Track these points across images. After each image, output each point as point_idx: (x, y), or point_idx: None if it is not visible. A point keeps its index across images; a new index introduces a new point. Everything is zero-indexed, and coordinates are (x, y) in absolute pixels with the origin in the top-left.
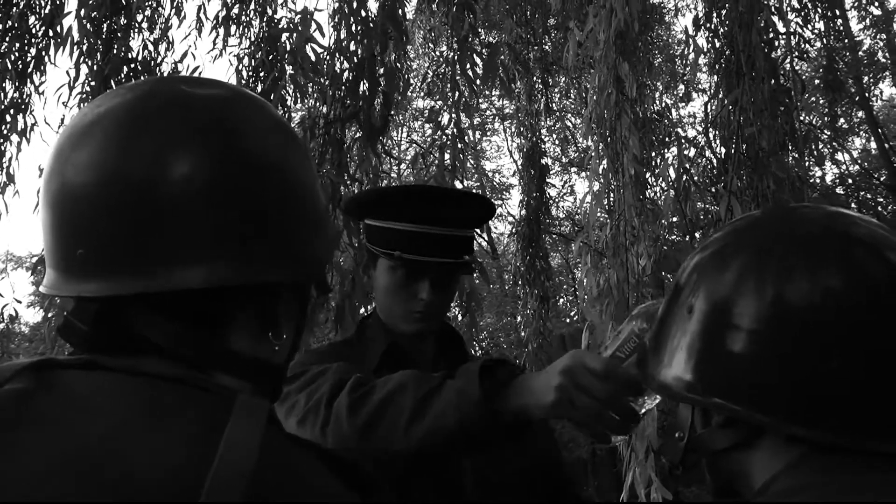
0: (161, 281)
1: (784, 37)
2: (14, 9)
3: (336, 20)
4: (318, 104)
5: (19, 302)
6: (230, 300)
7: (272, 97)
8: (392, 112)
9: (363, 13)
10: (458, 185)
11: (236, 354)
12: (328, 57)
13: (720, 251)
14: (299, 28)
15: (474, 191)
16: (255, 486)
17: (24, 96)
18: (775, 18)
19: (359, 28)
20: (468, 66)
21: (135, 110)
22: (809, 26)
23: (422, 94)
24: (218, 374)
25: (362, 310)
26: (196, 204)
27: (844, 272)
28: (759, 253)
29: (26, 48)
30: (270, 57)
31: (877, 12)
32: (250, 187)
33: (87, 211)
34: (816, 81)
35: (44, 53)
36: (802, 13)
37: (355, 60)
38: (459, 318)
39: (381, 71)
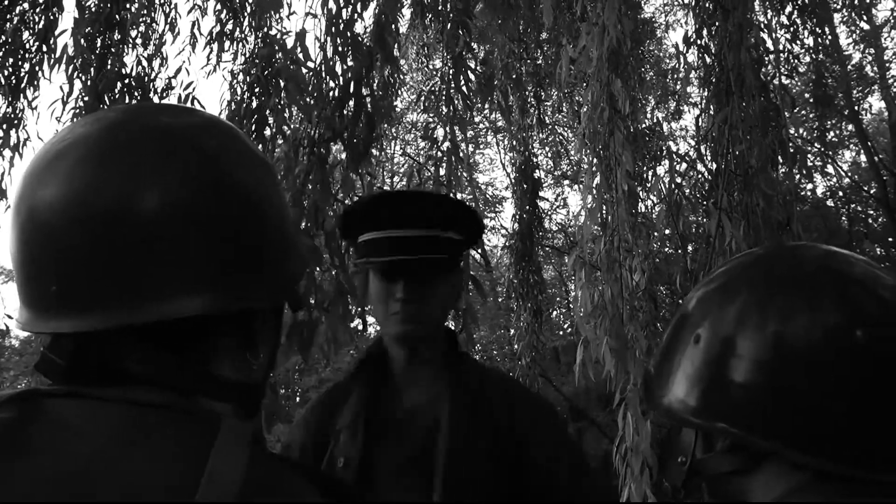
0: (138, 314)
1: (773, 54)
2: (8, 24)
3: (323, 40)
4: (303, 124)
5: (10, 317)
6: (209, 327)
7: (266, 114)
8: (376, 133)
9: (349, 34)
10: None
11: (217, 378)
12: (314, 78)
13: (725, 286)
14: (287, 48)
15: (445, 194)
16: (244, 499)
17: (17, 111)
18: (764, 35)
19: (346, 49)
20: (462, 81)
21: (102, 141)
22: (798, 42)
23: (416, 108)
24: (200, 398)
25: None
26: (171, 234)
27: (841, 309)
28: (762, 290)
29: (20, 63)
30: (266, 73)
31: (865, 27)
32: (225, 215)
33: (58, 247)
34: (806, 95)
35: (37, 68)
36: (791, 29)
37: (341, 82)
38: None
39: (367, 93)
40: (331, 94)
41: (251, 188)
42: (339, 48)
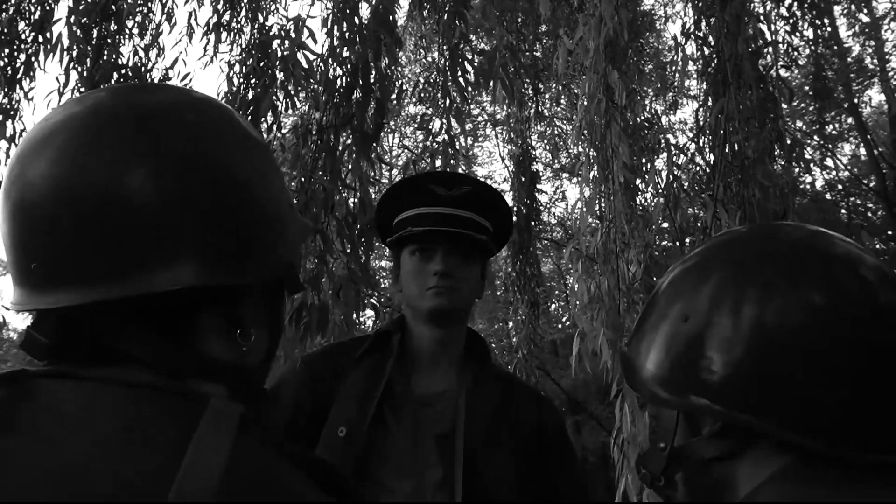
0: (120, 287)
1: (771, 45)
2: (3, 14)
3: (328, 26)
4: (310, 110)
5: (7, 309)
6: (195, 305)
7: (263, 104)
8: (385, 119)
9: (356, 20)
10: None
11: (206, 358)
12: (321, 63)
13: (703, 264)
14: (291, 35)
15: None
16: (224, 491)
17: (14, 102)
18: (763, 27)
19: (351, 34)
20: (459, 73)
21: (86, 121)
22: (798, 34)
23: (413, 100)
24: (192, 379)
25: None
26: (154, 209)
27: (826, 288)
28: (741, 268)
29: (15, 54)
30: (262, 64)
31: (865, 19)
32: (208, 190)
33: (43, 225)
34: (806, 88)
35: (33, 59)
36: (791, 21)
37: (348, 67)
38: None
39: (374, 77)
40: (338, 80)
41: (238, 164)
42: (346, 34)
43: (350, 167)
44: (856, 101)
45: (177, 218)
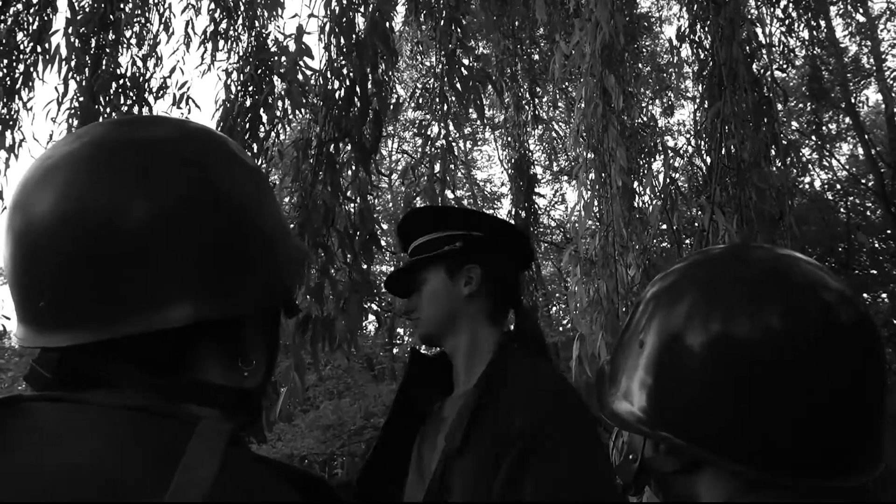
0: (124, 327)
1: (766, 48)
2: (2, 25)
3: (326, 40)
4: (311, 124)
5: (8, 318)
6: (194, 334)
7: (261, 112)
8: (382, 131)
9: (352, 35)
10: (449, 194)
11: (203, 385)
12: (319, 77)
13: (672, 287)
14: (290, 50)
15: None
16: (213, 496)
17: (13, 112)
18: (758, 30)
19: (348, 47)
20: (455, 78)
21: (85, 158)
22: (794, 35)
23: (411, 105)
24: (186, 404)
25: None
26: (153, 247)
27: (784, 314)
28: (706, 292)
29: (14, 64)
30: (259, 71)
31: (862, 19)
32: (207, 225)
33: (46, 263)
34: (802, 88)
35: (32, 69)
36: (787, 22)
37: (346, 81)
38: None
39: (372, 90)
40: (336, 94)
41: (235, 197)
42: (343, 48)
43: (350, 179)
44: (853, 100)
45: (176, 256)
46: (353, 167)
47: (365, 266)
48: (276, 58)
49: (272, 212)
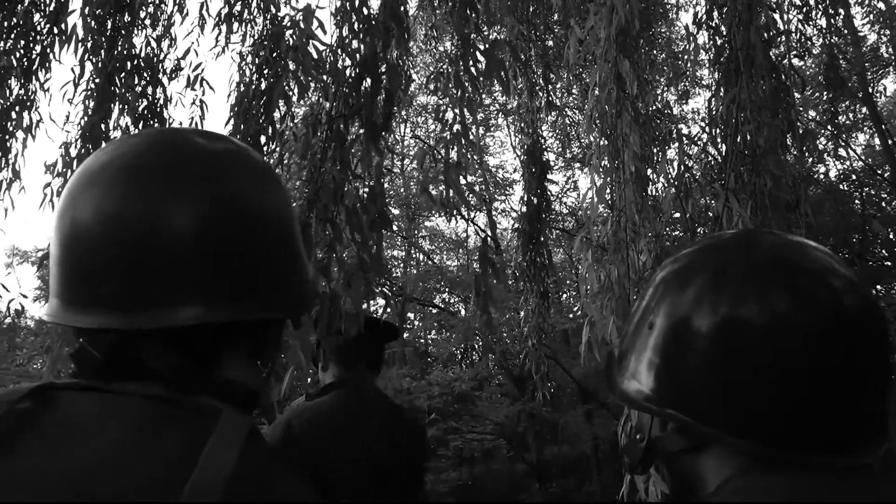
0: (155, 318)
1: (784, 34)
2: (19, 6)
3: (338, 18)
4: (320, 100)
5: (25, 297)
6: (224, 334)
7: (275, 94)
8: (395, 109)
9: (365, 11)
10: (462, 180)
11: (229, 381)
12: (331, 54)
13: (682, 270)
14: (301, 25)
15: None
16: (232, 489)
17: (30, 93)
18: (776, 16)
19: (361, 25)
20: (471, 63)
21: (134, 161)
22: (811, 23)
23: (425, 91)
24: (206, 397)
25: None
26: (182, 252)
27: (791, 298)
28: (716, 276)
29: (31, 45)
30: (274, 55)
31: (881, 7)
32: (240, 233)
33: (90, 252)
34: (819, 77)
35: (48, 51)
36: (804, 9)
37: (358, 58)
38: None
39: (384, 68)
40: (347, 70)
41: (264, 209)
42: (354, 25)
43: (360, 157)
44: (870, 90)
45: (211, 258)
46: (364, 144)
47: (375, 247)
48: (288, 32)
49: (291, 229)
